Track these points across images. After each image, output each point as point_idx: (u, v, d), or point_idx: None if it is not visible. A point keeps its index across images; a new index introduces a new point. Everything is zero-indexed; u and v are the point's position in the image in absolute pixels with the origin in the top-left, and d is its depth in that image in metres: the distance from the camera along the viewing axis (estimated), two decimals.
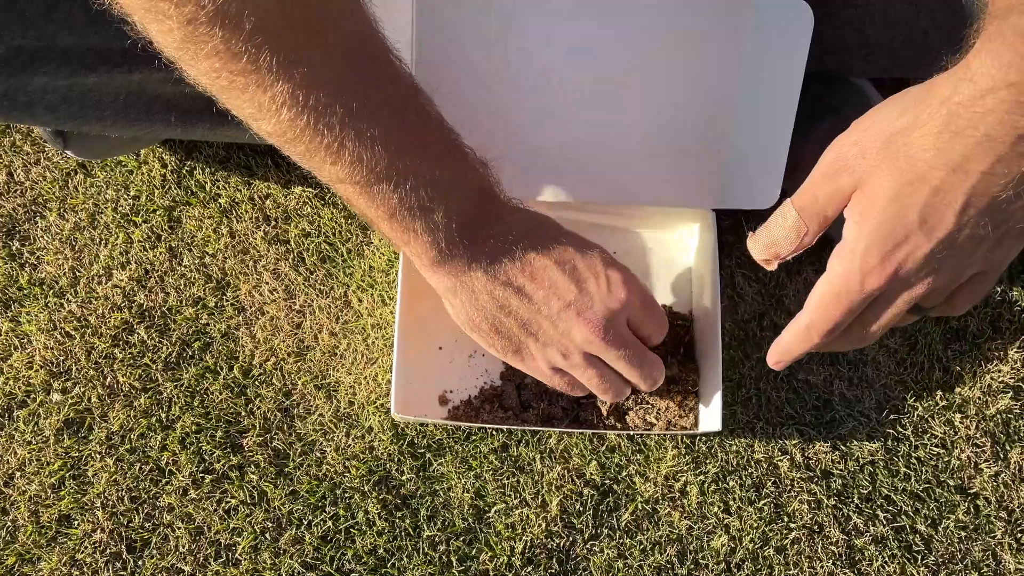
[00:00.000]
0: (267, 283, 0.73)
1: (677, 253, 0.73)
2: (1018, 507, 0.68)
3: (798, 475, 0.68)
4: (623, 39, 0.61)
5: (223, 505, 0.67)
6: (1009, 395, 0.70)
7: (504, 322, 0.55)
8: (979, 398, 0.70)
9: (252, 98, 0.41)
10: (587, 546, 0.67)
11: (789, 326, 0.51)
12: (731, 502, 0.68)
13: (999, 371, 0.71)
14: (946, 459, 0.69)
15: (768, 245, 0.50)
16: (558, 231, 0.56)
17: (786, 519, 0.67)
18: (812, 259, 0.73)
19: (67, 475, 0.68)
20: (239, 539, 0.66)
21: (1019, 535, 0.67)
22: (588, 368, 0.57)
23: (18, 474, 0.68)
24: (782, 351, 0.53)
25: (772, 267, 0.52)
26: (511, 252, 0.53)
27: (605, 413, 0.66)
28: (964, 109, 0.40)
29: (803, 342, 0.50)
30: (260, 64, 0.39)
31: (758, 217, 0.74)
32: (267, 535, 0.67)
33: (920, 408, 0.70)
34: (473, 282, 0.53)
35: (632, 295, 0.55)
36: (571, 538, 0.67)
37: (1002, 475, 0.69)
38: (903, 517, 0.67)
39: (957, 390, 0.71)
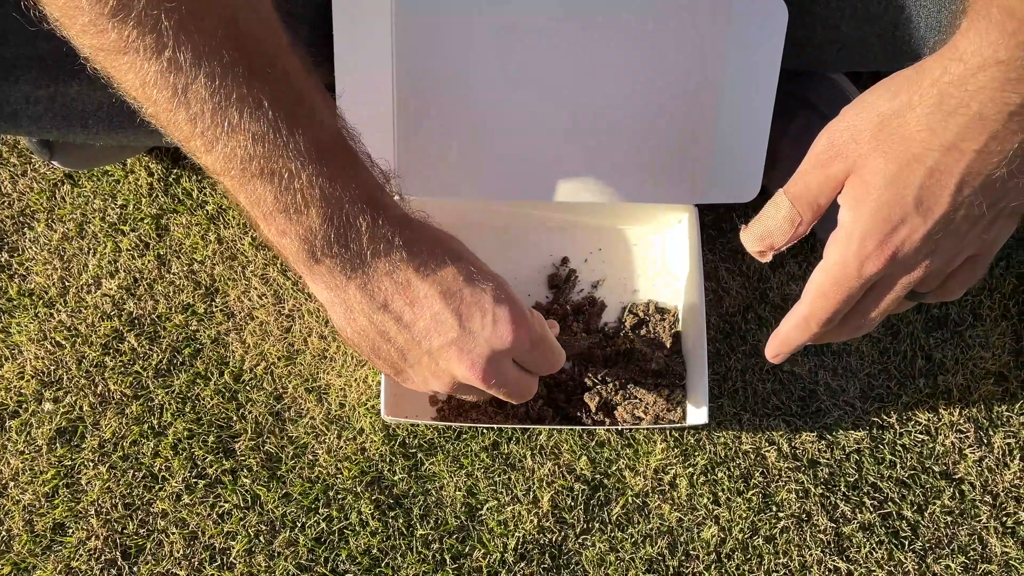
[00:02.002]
0: (256, 288, 0.74)
1: (661, 249, 0.73)
2: (1002, 491, 0.69)
3: (785, 465, 0.69)
4: (600, 38, 0.62)
5: (217, 509, 0.68)
6: (991, 381, 0.71)
7: (383, 348, 0.51)
8: (962, 384, 0.71)
9: (124, 78, 0.41)
10: (579, 540, 0.67)
11: (787, 317, 0.50)
12: (720, 493, 0.69)
13: (981, 358, 0.72)
14: (930, 446, 0.70)
15: (762, 236, 0.50)
16: (455, 256, 0.51)
17: (774, 509, 0.68)
18: (794, 251, 0.74)
19: (60, 483, 0.69)
20: (233, 543, 0.67)
21: (1004, 518, 0.68)
22: (468, 393, 0.55)
23: (11, 484, 0.69)
24: (781, 343, 0.51)
25: (766, 259, 0.51)
26: (393, 273, 0.49)
27: (594, 409, 0.67)
28: (955, 89, 0.40)
29: (802, 332, 0.49)
30: (130, 44, 0.39)
31: (745, 212, 0.76)
32: (261, 538, 0.67)
33: (904, 396, 0.71)
34: (349, 299, 0.49)
35: (520, 334, 0.51)
36: (563, 533, 0.68)
37: (986, 460, 0.70)
38: (889, 504, 0.68)
39: (940, 377, 0.72)
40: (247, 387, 0.71)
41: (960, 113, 0.40)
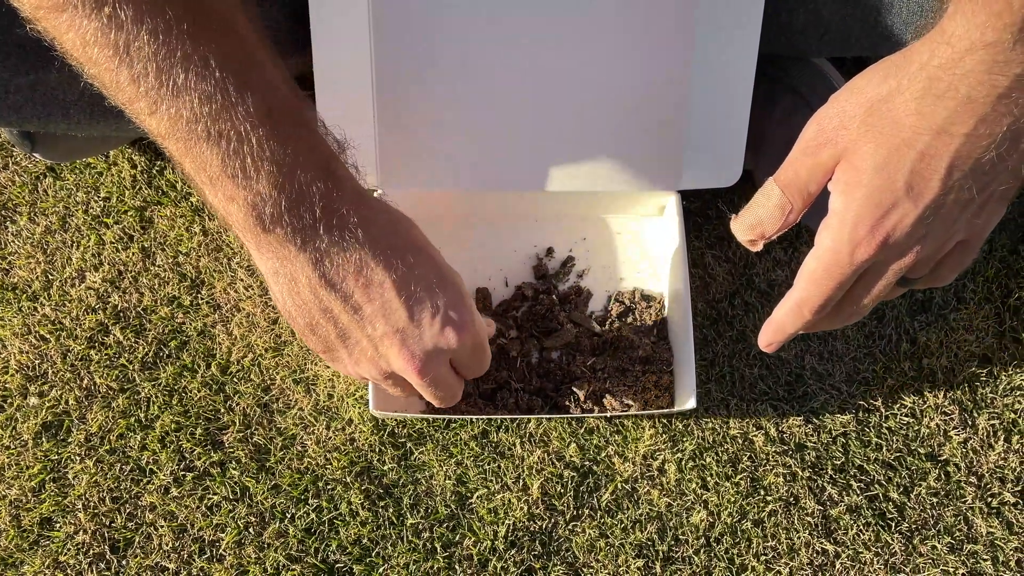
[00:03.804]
0: (242, 280, 0.73)
1: (645, 236, 0.74)
2: (987, 472, 0.70)
3: (773, 449, 0.70)
4: (577, 26, 0.62)
5: (205, 502, 0.68)
6: (975, 363, 0.72)
7: (322, 325, 0.50)
8: (946, 367, 0.72)
9: (64, 37, 0.40)
10: (569, 527, 0.68)
11: (780, 305, 0.50)
12: (708, 478, 0.69)
13: (965, 340, 0.73)
14: (916, 428, 0.71)
15: (753, 225, 0.49)
16: (413, 243, 0.50)
17: (762, 492, 0.69)
18: (780, 238, 0.74)
19: (47, 478, 0.68)
20: (223, 535, 0.67)
21: (989, 499, 0.69)
22: (395, 386, 0.55)
23: None
24: (775, 330, 0.51)
25: (757, 247, 0.51)
26: (348, 253, 0.47)
27: (583, 398, 0.67)
28: (944, 72, 0.40)
29: (795, 319, 0.49)
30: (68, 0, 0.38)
31: (731, 198, 0.76)
32: (251, 530, 0.67)
33: (889, 379, 0.72)
34: (297, 271, 0.47)
35: (464, 339, 0.51)
36: (553, 520, 0.68)
37: (970, 441, 0.70)
38: (876, 486, 0.69)
39: (925, 360, 0.72)
40: (234, 379, 0.71)
41: (949, 96, 0.40)
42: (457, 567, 0.66)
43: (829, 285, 0.46)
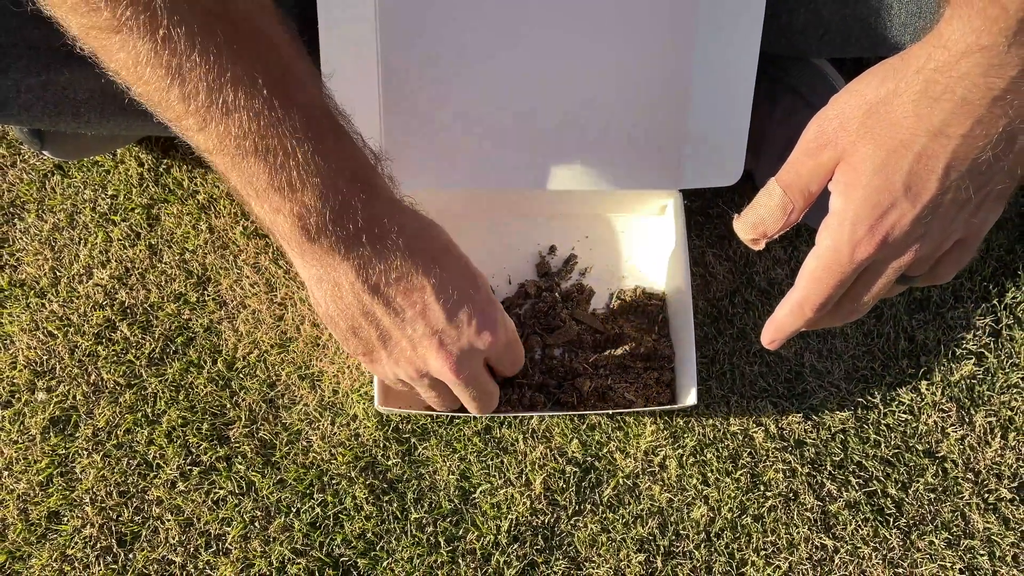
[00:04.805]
0: (248, 277, 0.74)
1: (647, 235, 0.74)
2: (984, 468, 0.70)
3: (773, 445, 0.70)
4: (581, 26, 0.63)
5: (211, 496, 0.68)
6: (972, 361, 0.73)
7: (364, 327, 0.52)
8: (944, 365, 0.73)
9: (115, 57, 0.41)
10: (571, 522, 0.68)
11: (781, 304, 0.51)
12: (709, 474, 0.70)
13: (962, 338, 0.74)
14: (914, 425, 0.72)
15: (755, 224, 0.50)
16: (446, 249, 0.53)
17: (762, 488, 0.69)
18: (780, 236, 0.75)
19: (55, 472, 0.69)
20: (229, 529, 0.67)
21: (986, 495, 0.70)
22: (431, 389, 0.57)
23: (5, 473, 0.69)
24: (776, 329, 0.52)
25: (759, 247, 0.52)
26: (389, 258, 0.49)
27: (585, 394, 0.68)
28: (940, 75, 0.41)
29: (796, 318, 0.50)
30: (123, 22, 0.39)
31: (732, 198, 0.77)
32: (256, 524, 0.68)
33: (888, 377, 0.73)
34: (340, 277, 0.50)
35: (499, 337, 0.54)
36: (555, 515, 0.69)
37: (968, 438, 0.71)
38: (874, 482, 0.70)
39: (923, 358, 0.73)
40: (240, 375, 0.72)
41: (945, 99, 0.41)
42: (460, 561, 0.67)
43: (830, 283, 0.47)
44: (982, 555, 0.68)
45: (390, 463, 0.69)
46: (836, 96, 0.46)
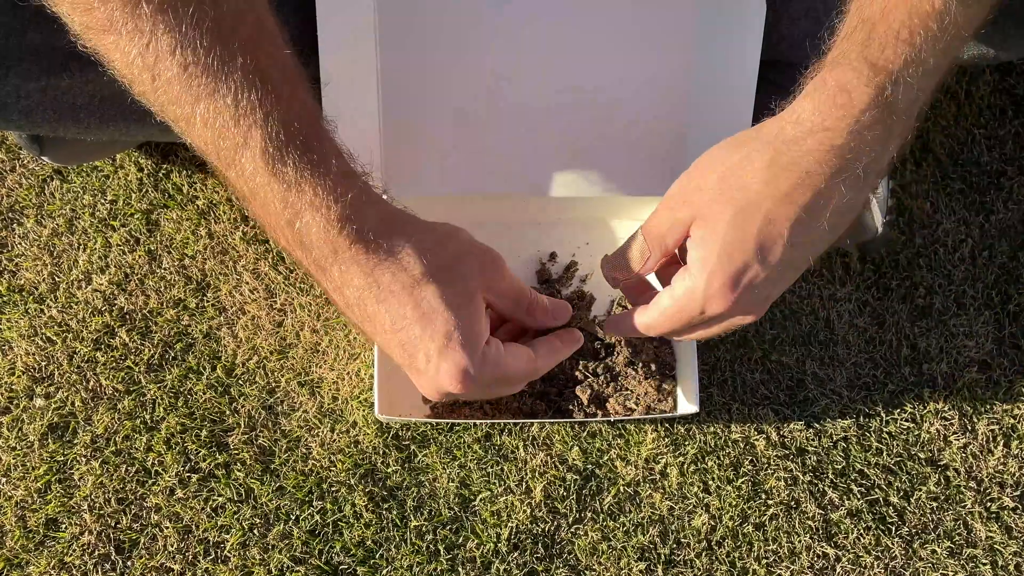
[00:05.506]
0: (247, 283, 0.74)
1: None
2: (986, 477, 0.70)
3: (774, 453, 0.70)
4: (584, 32, 0.63)
5: (210, 503, 0.68)
6: (975, 369, 0.73)
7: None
8: (946, 373, 0.73)
9: (111, 57, 0.42)
10: (571, 530, 0.68)
11: (636, 315, 0.53)
12: (710, 482, 0.69)
13: (965, 346, 0.73)
14: (916, 433, 0.71)
15: (616, 266, 0.54)
16: (417, 282, 0.49)
17: (764, 496, 0.69)
18: None
19: (53, 479, 0.69)
20: (227, 536, 0.67)
21: (988, 503, 0.69)
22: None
23: (3, 480, 0.68)
24: (617, 331, 0.56)
25: (616, 286, 0.55)
26: (399, 271, 0.47)
27: (586, 402, 0.68)
28: (788, 147, 0.45)
29: (637, 333, 0.54)
30: (114, 24, 0.40)
31: None
32: (255, 531, 0.67)
33: (890, 384, 0.72)
34: (381, 280, 0.47)
35: (467, 385, 0.50)
36: (555, 523, 0.68)
37: (970, 446, 0.71)
38: (876, 490, 0.70)
39: (925, 366, 0.73)
40: (239, 381, 0.71)
41: (791, 170, 0.45)
42: (460, 569, 0.67)
43: (678, 323, 0.51)
44: (984, 564, 0.68)
45: (390, 470, 0.69)
46: (698, 160, 0.50)
